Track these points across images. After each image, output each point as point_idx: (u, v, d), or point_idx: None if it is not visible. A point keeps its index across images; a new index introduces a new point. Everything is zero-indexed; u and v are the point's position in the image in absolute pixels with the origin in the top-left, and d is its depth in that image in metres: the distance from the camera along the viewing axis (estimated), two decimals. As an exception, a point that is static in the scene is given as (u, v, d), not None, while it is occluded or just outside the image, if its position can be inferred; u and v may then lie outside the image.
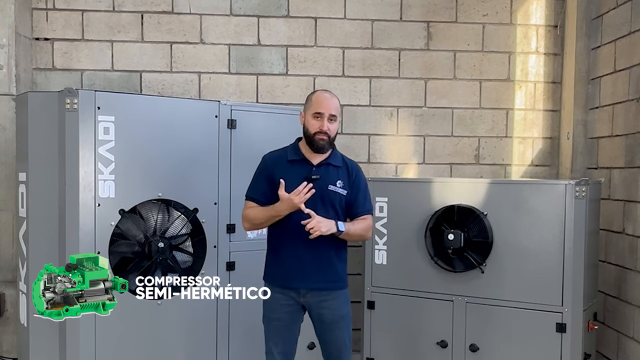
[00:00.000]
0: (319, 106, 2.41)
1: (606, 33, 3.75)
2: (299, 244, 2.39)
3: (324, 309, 2.44)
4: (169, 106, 2.96)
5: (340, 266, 2.48)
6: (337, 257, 2.46)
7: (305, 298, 2.43)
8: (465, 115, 4.11)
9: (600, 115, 3.81)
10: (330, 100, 2.44)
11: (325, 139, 2.41)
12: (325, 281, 2.43)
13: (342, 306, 2.47)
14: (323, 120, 2.40)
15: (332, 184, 2.42)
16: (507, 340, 3.06)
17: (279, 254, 2.45)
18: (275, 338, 2.47)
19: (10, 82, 3.49)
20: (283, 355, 2.47)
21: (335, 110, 2.43)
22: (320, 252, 2.40)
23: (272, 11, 3.94)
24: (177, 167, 2.91)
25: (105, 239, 2.72)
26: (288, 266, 2.42)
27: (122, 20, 3.84)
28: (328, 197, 2.41)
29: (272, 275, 2.48)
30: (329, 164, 2.46)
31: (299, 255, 2.40)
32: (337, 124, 2.47)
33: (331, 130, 2.42)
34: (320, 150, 2.43)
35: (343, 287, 2.50)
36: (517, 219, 3.05)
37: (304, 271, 2.40)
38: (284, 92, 3.95)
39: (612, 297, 3.59)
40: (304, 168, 2.44)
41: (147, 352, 2.87)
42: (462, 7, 4.06)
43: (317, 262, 2.40)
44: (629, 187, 3.45)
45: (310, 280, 2.41)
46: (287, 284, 2.43)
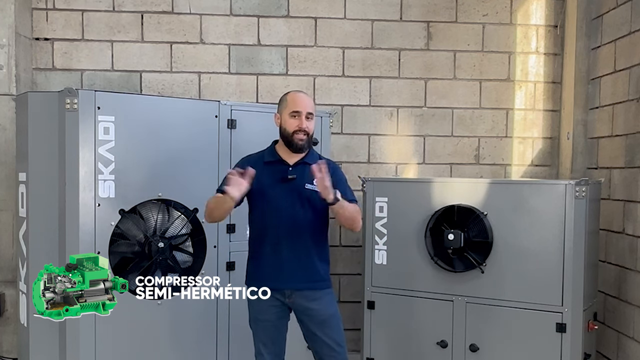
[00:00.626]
0: (296, 105, 2.42)
1: (606, 33, 3.75)
2: (279, 245, 2.39)
3: (310, 309, 2.44)
4: (169, 106, 2.96)
5: (321, 266, 2.47)
6: (318, 258, 2.45)
7: (291, 299, 2.43)
8: (465, 115, 4.10)
9: (600, 115, 3.81)
10: (306, 99, 2.46)
11: (304, 139, 2.41)
12: (309, 281, 2.42)
13: (328, 306, 2.47)
14: (301, 118, 2.40)
15: (309, 182, 2.40)
16: (507, 340, 3.06)
17: (261, 257, 2.45)
18: (265, 339, 2.47)
19: (10, 82, 3.49)
20: (273, 355, 2.48)
21: (311, 108, 2.44)
22: (301, 252, 2.40)
23: (272, 11, 3.94)
24: (177, 167, 2.91)
25: (105, 239, 2.72)
26: (270, 268, 2.42)
27: (122, 20, 3.84)
28: (306, 195, 2.40)
29: (256, 278, 2.47)
30: (305, 163, 2.45)
31: (280, 257, 2.40)
32: (314, 123, 2.46)
33: (309, 128, 2.42)
34: (300, 151, 2.43)
35: (327, 287, 2.49)
36: (517, 219, 3.04)
37: (286, 272, 2.40)
38: (283, 92, 3.91)
39: (612, 297, 3.59)
40: (280, 169, 2.44)
41: (147, 352, 2.87)
42: (462, 7, 4.06)
43: (298, 263, 2.40)
44: (629, 187, 3.45)
45: (293, 280, 2.40)
46: (271, 285, 2.42)
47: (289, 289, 2.42)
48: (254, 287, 2.45)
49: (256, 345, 2.50)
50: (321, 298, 2.45)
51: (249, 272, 2.51)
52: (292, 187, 2.39)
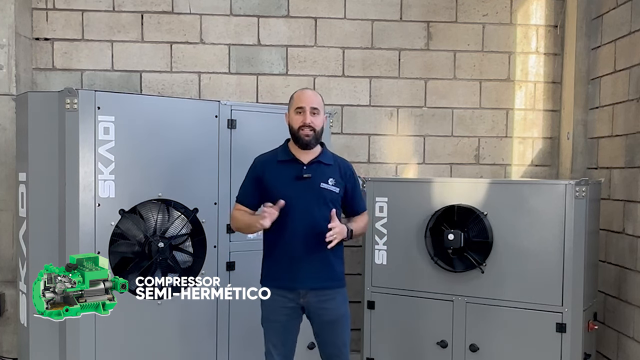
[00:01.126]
0: (300, 101, 2.43)
1: (606, 33, 3.75)
2: (295, 245, 2.39)
3: (323, 309, 2.44)
4: (169, 106, 2.96)
5: (337, 264, 2.48)
6: (333, 255, 2.45)
7: (305, 298, 2.43)
8: (465, 115, 4.11)
9: (600, 115, 3.81)
10: (311, 95, 2.46)
11: (310, 134, 2.40)
12: (325, 280, 2.43)
13: (340, 305, 2.48)
14: (305, 113, 2.40)
15: (324, 181, 2.42)
16: (507, 340, 3.06)
17: (276, 256, 2.45)
18: (274, 340, 2.47)
19: (10, 82, 3.49)
20: (282, 357, 2.47)
21: (317, 104, 2.44)
22: (317, 251, 2.39)
23: (272, 11, 3.94)
24: (177, 167, 2.91)
25: (105, 239, 2.72)
26: (286, 268, 2.42)
27: (122, 20, 3.84)
28: (321, 195, 2.41)
29: (271, 278, 2.47)
30: (319, 162, 2.46)
31: (296, 256, 2.40)
32: (322, 118, 2.46)
33: (315, 123, 2.41)
34: (306, 146, 2.43)
35: (342, 286, 2.51)
36: (517, 219, 3.04)
37: (302, 271, 2.40)
38: (284, 92, 3.94)
39: (612, 297, 3.59)
40: (294, 168, 2.44)
41: (147, 352, 2.87)
42: (462, 7, 4.06)
43: (314, 262, 2.40)
44: (629, 187, 3.45)
45: (309, 280, 2.41)
46: (286, 285, 2.42)
47: (305, 288, 2.42)
48: (269, 287, 2.46)
49: (266, 345, 2.49)
50: (335, 298, 2.46)
51: (264, 271, 2.51)
52: (307, 185, 2.40)
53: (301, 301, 2.44)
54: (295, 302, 2.44)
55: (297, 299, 2.43)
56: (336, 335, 2.47)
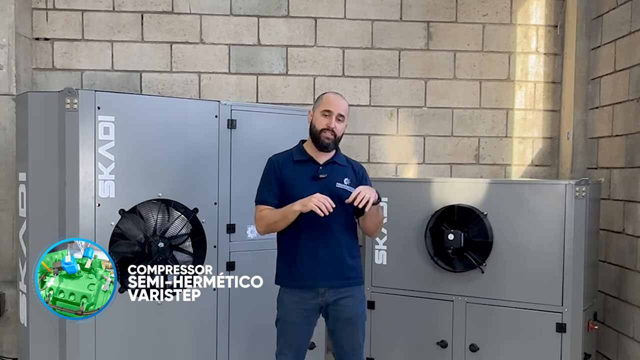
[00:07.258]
0: (329, 104, 2.44)
1: (606, 33, 3.75)
2: (313, 244, 2.39)
3: (341, 306, 2.43)
4: (169, 106, 2.95)
5: (354, 262, 2.48)
6: (350, 254, 2.46)
7: (324, 297, 2.42)
8: (465, 115, 4.11)
9: (600, 115, 3.81)
10: (340, 101, 2.48)
11: (331, 138, 2.42)
12: (344, 278, 2.43)
13: (358, 303, 2.48)
14: (331, 117, 2.41)
15: (339, 181, 2.43)
16: (507, 340, 3.06)
17: (294, 256, 2.44)
18: (289, 341, 2.46)
19: (10, 82, 3.49)
20: (295, 358, 2.47)
21: (344, 111, 2.46)
22: (334, 250, 2.41)
23: (272, 11, 3.94)
24: (177, 167, 2.91)
25: (105, 239, 2.71)
26: (304, 267, 2.41)
27: (122, 20, 3.84)
28: (337, 194, 2.40)
29: (289, 278, 2.45)
30: (334, 162, 2.48)
31: (315, 255, 2.40)
32: (344, 125, 2.49)
33: (338, 129, 2.44)
34: (325, 149, 2.44)
35: (360, 283, 2.51)
36: (517, 219, 3.04)
37: (321, 270, 2.40)
38: (284, 92, 3.95)
39: (612, 297, 3.59)
40: (310, 167, 2.45)
41: (147, 352, 2.87)
42: (462, 7, 4.06)
43: (333, 260, 2.41)
44: (629, 187, 3.45)
45: (329, 278, 2.41)
46: (304, 284, 2.42)
47: (324, 286, 2.41)
48: (287, 287, 2.45)
49: (279, 345, 2.48)
50: (353, 295, 2.46)
51: (281, 272, 2.50)
52: (324, 185, 2.40)
53: (319, 300, 2.42)
54: (312, 303, 2.43)
55: (315, 298, 2.42)
56: (352, 334, 2.46)
